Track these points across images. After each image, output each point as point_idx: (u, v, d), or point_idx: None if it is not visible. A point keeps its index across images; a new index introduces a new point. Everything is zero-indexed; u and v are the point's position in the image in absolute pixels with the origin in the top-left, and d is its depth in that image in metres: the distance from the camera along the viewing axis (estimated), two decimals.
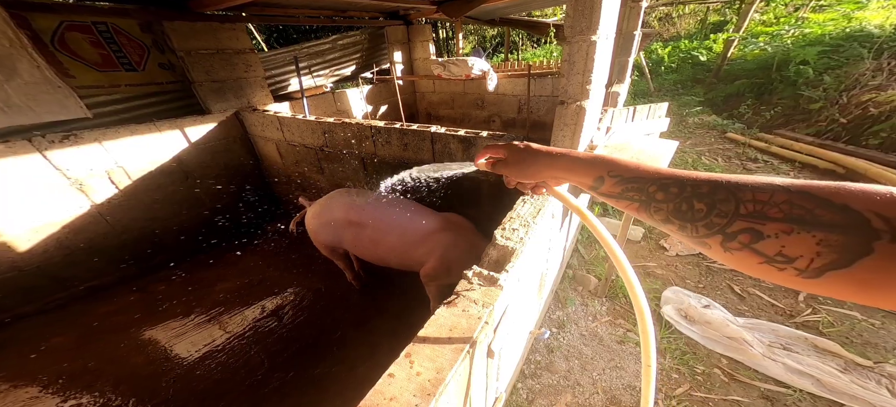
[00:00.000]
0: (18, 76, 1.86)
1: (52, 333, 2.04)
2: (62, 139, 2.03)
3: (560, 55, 8.83)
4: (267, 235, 3.12)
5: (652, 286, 2.35)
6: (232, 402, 1.64)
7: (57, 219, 2.12)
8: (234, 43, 2.70)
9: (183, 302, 2.29)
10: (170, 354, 1.91)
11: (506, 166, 0.63)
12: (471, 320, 0.64)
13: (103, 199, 2.27)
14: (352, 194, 1.86)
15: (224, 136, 2.80)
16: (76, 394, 1.69)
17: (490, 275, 0.75)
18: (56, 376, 1.79)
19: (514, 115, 4.73)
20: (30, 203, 2.00)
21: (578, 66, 1.13)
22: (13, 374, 1.80)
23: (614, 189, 0.46)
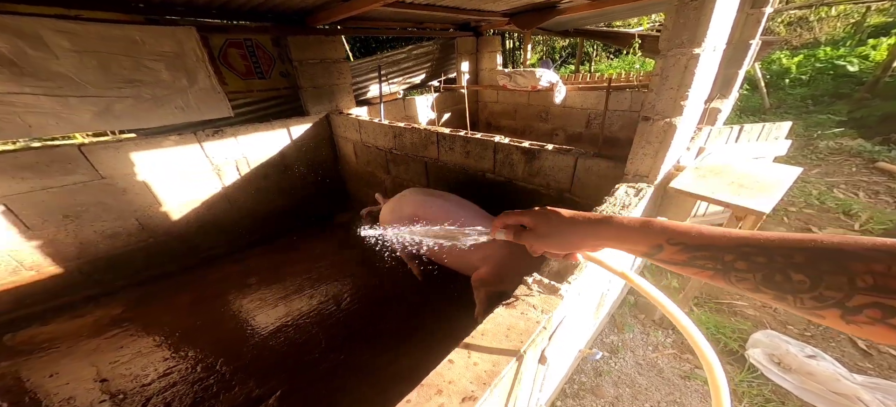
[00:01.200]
0: (197, 84, 2.48)
1: (180, 291, 2.60)
2: (213, 133, 2.63)
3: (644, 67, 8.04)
4: (336, 226, 3.53)
5: (738, 326, 2.08)
6: (293, 374, 1.87)
7: (199, 197, 2.74)
8: (333, 53, 3.16)
9: (267, 277, 2.71)
10: (251, 323, 2.25)
11: (533, 237, 0.56)
12: (529, 323, 0.68)
13: (230, 183, 2.87)
14: (422, 193, 2.00)
15: (315, 136, 3.28)
16: (185, 348, 2.07)
17: (551, 284, 0.78)
18: (174, 330, 2.20)
19: (580, 129, 4.50)
20: (186, 182, 2.64)
21: (673, 80, 1.06)
22: (151, 321, 2.30)
23: (678, 257, 0.43)
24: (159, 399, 1.74)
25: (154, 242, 2.63)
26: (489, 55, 4.89)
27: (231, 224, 2.99)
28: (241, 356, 1.99)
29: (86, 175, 2.21)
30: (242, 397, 1.74)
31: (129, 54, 2.16)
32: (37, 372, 1.92)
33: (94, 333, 2.20)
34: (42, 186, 2.08)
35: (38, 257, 2.20)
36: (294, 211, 3.36)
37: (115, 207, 2.38)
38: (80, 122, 2.12)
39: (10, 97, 1.88)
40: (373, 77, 4.09)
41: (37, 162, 2.03)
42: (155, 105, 2.35)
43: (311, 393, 1.77)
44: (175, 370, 1.91)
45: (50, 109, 2.00)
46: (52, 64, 1.94)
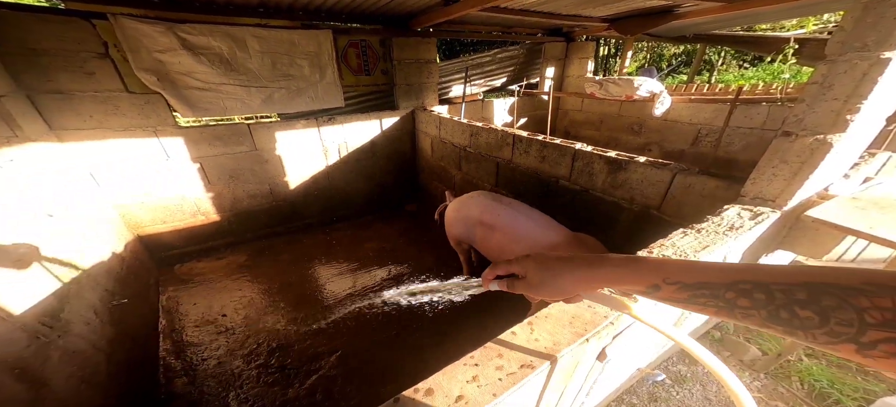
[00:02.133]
0: (325, 78, 3.03)
1: (285, 250, 3.13)
2: (327, 120, 3.18)
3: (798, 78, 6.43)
4: (404, 213, 3.85)
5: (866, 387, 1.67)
6: (351, 340, 2.10)
7: (310, 172, 3.32)
8: (426, 54, 3.46)
9: (346, 250, 3.12)
10: (327, 287, 2.58)
11: (527, 286, 0.54)
12: (595, 316, 0.67)
13: (332, 163, 3.40)
14: (489, 197, 2.02)
15: (401, 129, 3.64)
16: (279, 299, 2.47)
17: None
18: (275, 283, 2.62)
19: (683, 146, 3.91)
20: (303, 159, 3.23)
21: (841, 90, 0.87)
22: (261, 272, 2.78)
23: (678, 295, 0.41)
24: (253, 340, 2.16)
25: (275, 205, 3.28)
26: (579, 61, 4.63)
27: (327, 198, 3.53)
28: (316, 317, 2.33)
29: (248, 146, 2.90)
30: (311, 351, 2.05)
31: (288, 54, 2.76)
32: (187, 300, 2.48)
33: (226, 274, 2.78)
34: (223, 152, 2.81)
35: (209, 206, 2.96)
36: (373, 194, 3.78)
37: (260, 173, 3.06)
38: (253, 106, 2.79)
39: (222, 86, 2.58)
40: (457, 78, 4.31)
41: (223, 134, 2.75)
42: (297, 95, 2.95)
43: (365, 359, 1.99)
44: (270, 317, 2.33)
45: (239, 97, 2.69)
46: (248, 62, 2.61)
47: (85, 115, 2.22)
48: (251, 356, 2.03)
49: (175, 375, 1.91)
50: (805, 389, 1.69)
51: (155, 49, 2.25)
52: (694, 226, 0.97)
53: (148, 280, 2.53)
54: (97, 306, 1.71)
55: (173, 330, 2.22)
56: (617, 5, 2.87)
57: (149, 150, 2.52)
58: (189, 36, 2.32)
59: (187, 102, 2.50)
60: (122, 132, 2.38)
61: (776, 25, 6.27)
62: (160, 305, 2.44)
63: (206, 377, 1.90)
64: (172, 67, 2.35)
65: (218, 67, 2.51)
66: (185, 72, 2.40)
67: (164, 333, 2.21)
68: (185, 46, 2.33)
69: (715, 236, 0.91)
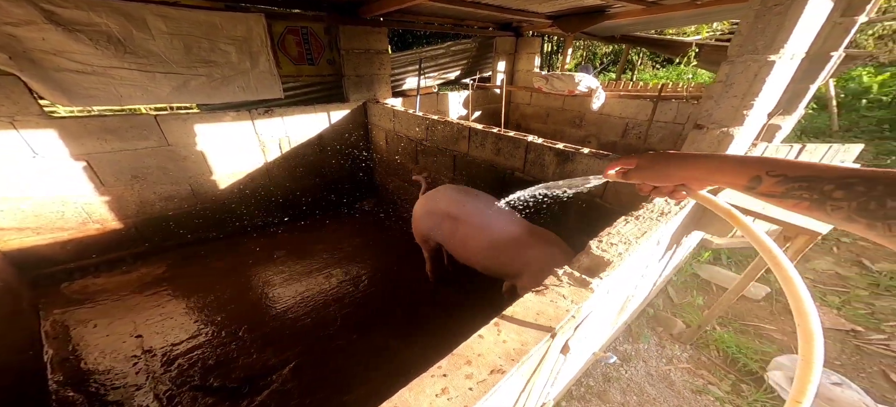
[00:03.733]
0: (258, 67, 2.68)
1: (216, 257, 2.75)
2: (264, 113, 2.83)
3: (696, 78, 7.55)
4: (358, 211, 3.67)
5: (762, 349, 2.03)
6: (307, 348, 1.94)
7: (244, 169, 2.95)
8: (377, 44, 3.27)
9: (293, 253, 2.85)
10: (275, 294, 2.36)
11: (640, 172, 0.63)
12: (558, 311, 0.70)
13: (271, 159, 3.06)
14: (457, 190, 1.98)
15: (351, 122, 3.42)
16: (213, 312, 2.19)
17: (581, 277, 0.78)
18: (207, 295, 2.32)
19: (615, 138, 4.35)
20: (235, 155, 2.84)
21: (738, 88, 1.01)
22: (188, 283, 2.43)
23: (776, 188, 0.44)
24: (185, 359, 1.87)
25: (201, 207, 2.85)
26: (527, 56, 4.84)
27: (268, 198, 3.19)
28: (263, 325, 2.11)
29: (156, 141, 2.44)
30: (259, 364, 1.85)
31: (208, 37, 2.37)
32: (83, 322, 2.08)
33: (137, 289, 2.38)
34: (120, 148, 2.33)
35: (105, 212, 2.45)
36: (323, 192, 3.52)
37: (174, 172, 2.61)
38: (160, 94, 2.35)
39: (113, 70, 2.12)
40: (410, 70, 4.19)
41: (120, 126, 2.27)
42: (222, 84, 2.57)
43: (323, 368, 1.85)
44: (202, 333, 2.05)
45: (140, 83, 2.24)
46: (149, 43, 2.18)
47: None
48: (182, 378, 1.76)
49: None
50: (721, 356, 2.00)
51: (4, 21, 1.75)
52: (633, 214, 1.07)
53: (18, 304, 2.02)
54: None
55: (66, 359, 1.83)
56: (558, 3, 3.03)
57: (6, 146, 1.99)
58: (58, 9, 1.85)
59: (60, 88, 2.01)
60: None
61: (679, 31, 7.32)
62: (43, 332, 1.99)
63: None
64: (34, 44, 1.86)
65: (105, 48, 2.06)
66: (54, 51, 1.93)
67: (52, 363, 1.81)
68: (52, 20, 1.86)
69: (650, 222, 1.01)
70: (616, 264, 0.81)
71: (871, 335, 2.03)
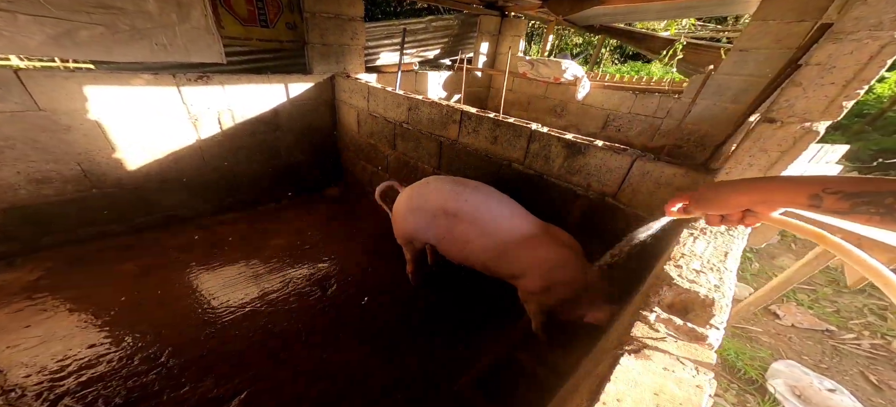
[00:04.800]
0: (189, 22, 2.07)
1: (125, 257, 2.15)
2: (196, 79, 2.22)
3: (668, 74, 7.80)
4: (323, 199, 3.18)
5: (755, 354, 2.02)
6: (262, 372, 1.53)
7: (166, 147, 2.32)
8: (350, 10, 2.76)
9: (239, 249, 2.34)
10: (214, 303, 1.88)
11: (701, 204, 0.63)
12: (685, 388, 0.45)
13: (207, 136, 2.46)
14: (452, 181, 1.69)
15: (316, 97, 2.90)
16: (120, 331, 1.66)
17: (688, 327, 0.55)
18: (108, 307, 1.79)
19: (595, 129, 4.32)
20: (151, 129, 2.21)
21: (842, 73, 0.80)
22: (77, 293, 1.87)
23: (840, 205, 0.44)
24: (75, 398, 1.37)
25: (98, 193, 2.19)
26: (512, 38, 4.57)
27: (202, 183, 2.58)
28: (197, 346, 1.63)
29: (18, 104, 1.76)
30: (195, 398, 1.41)
31: None
32: None
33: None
34: None
35: None
36: (279, 178, 2.98)
37: (52, 146, 1.94)
38: (27, 44, 1.69)
39: None
40: (386, 44, 3.71)
41: None
42: (131, 38, 1.94)
43: (284, 396, 1.47)
44: (103, 360, 1.52)
45: None
46: None
47: None
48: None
49: None
50: (719, 362, 1.97)
51: None
52: (696, 226, 0.87)
53: None
54: None
55: None
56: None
57: None
58: None
59: None
60: None
61: (648, 27, 7.58)
62: None
63: None
64: None
65: None
66: None
67: None
68: None
69: (725, 238, 0.82)
70: (720, 304, 0.58)
71: (844, 335, 2.15)
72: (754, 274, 2.82)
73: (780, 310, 2.35)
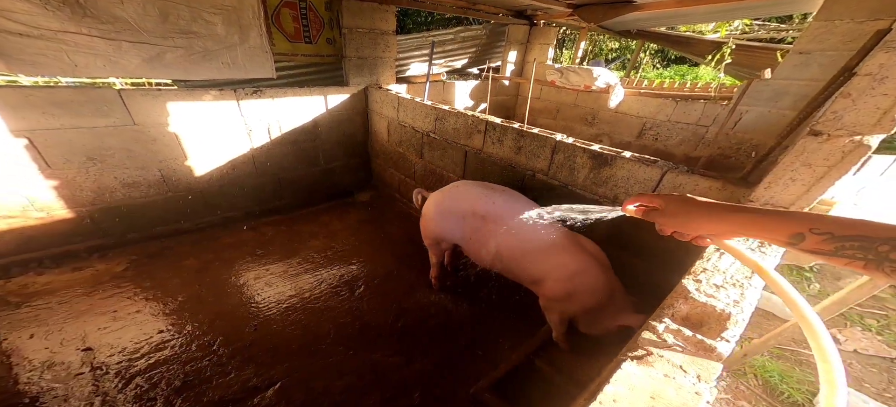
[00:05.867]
0: (248, 42, 2.36)
1: (189, 253, 2.41)
2: (252, 93, 2.51)
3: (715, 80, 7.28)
4: (355, 204, 3.37)
5: (806, 378, 1.86)
6: (295, 365, 1.68)
7: (226, 155, 2.63)
8: (383, 24, 2.94)
9: (281, 249, 2.55)
10: (258, 299, 2.08)
11: (664, 216, 0.60)
12: (682, 393, 0.46)
13: (258, 145, 2.74)
14: (479, 186, 1.76)
15: (351, 108, 3.11)
16: (183, 320, 1.89)
17: (697, 338, 0.56)
18: (175, 298, 2.03)
19: (630, 138, 4.14)
20: (215, 139, 2.52)
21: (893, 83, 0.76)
22: (153, 284, 2.13)
23: (823, 246, 0.41)
24: (144, 378, 1.58)
25: (173, 196, 2.52)
26: (540, 47, 4.56)
27: (253, 187, 2.87)
28: (243, 337, 1.82)
29: (119, 119, 2.11)
30: (238, 385, 1.57)
31: (189, 4, 2.05)
32: (17, 329, 1.74)
33: (90, 290, 2.03)
34: (72, 125, 1.99)
35: (52, 199, 2.10)
36: (316, 183, 3.22)
37: (142, 155, 2.28)
38: (127, 66, 2.02)
39: (66, 35, 1.79)
40: (416, 55, 3.89)
41: (72, 100, 1.93)
42: (203, 58, 2.24)
43: (315, 390, 1.59)
44: (168, 345, 1.75)
45: (101, 51, 1.91)
46: (116, 8, 1.86)
47: None
48: (142, 402, 1.48)
49: None
50: (760, 384, 1.83)
51: None
52: None
53: None
54: None
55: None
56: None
57: None
58: None
59: None
60: None
61: (693, 29, 7.10)
62: None
63: None
64: None
65: (59, 9, 1.73)
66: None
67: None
68: None
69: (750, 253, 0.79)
70: (736, 318, 0.58)
71: None
72: (814, 295, 2.53)
73: (842, 334, 2.12)
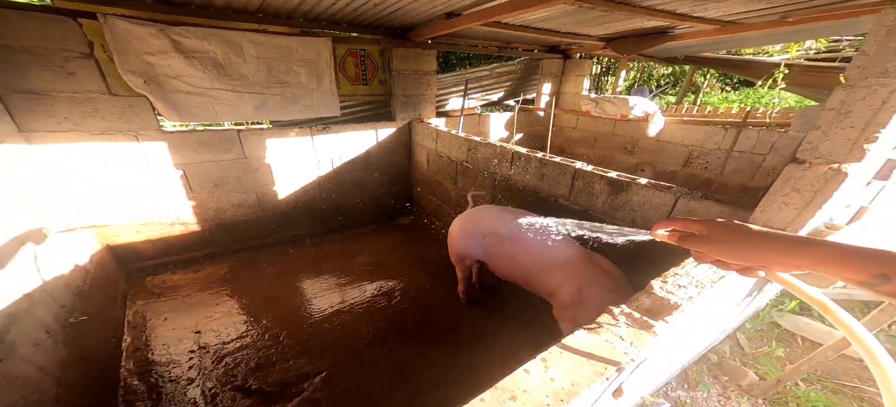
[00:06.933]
0: (322, 86, 2.96)
1: (270, 262, 2.96)
2: (322, 129, 3.10)
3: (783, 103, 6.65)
4: (397, 227, 3.76)
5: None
6: (339, 359, 1.99)
7: (300, 182, 3.21)
8: (425, 66, 3.43)
9: (334, 264, 2.98)
10: (314, 303, 2.47)
11: (707, 243, 0.51)
12: (615, 352, 0.62)
13: (324, 173, 3.30)
14: (502, 210, 1.98)
15: (397, 140, 3.58)
16: (261, 316, 2.31)
17: (642, 319, 0.70)
18: (257, 298, 2.48)
19: (675, 167, 3.97)
20: (293, 168, 3.12)
21: (858, 117, 0.85)
22: (242, 286, 2.62)
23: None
24: (231, 358, 2.00)
25: (263, 215, 3.14)
26: (575, 79, 4.72)
27: (317, 210, 3.41)
28: (301, 332, 2.19)
29: (236, 154, 2.78)
30: (294, 371, 1.91)
31: (285, 60, 2.68)
32: (158, 314, 2.31)
33: (202, 287, 2.61)
34: (209, 159, 2.69)
35: (189, 215, 2.79)
36: (366, 207, 3.67)
37: (246, 182, 2.93)
38: (245, 112, 2.69)
39: (212, 91, 2.49)
40: (455, 91, 4.33)
41: (210, 140, 2.63)
42: (292, 102, 2.86)
43: (353, 381, 1.87)
44: (249, 334, 2.17)
45: (231, 102, 2.59)
46: (241, 67, 2.52)
47: (59, 117, 2.09)
48: (226, 377, 1.88)
49: (137, 399, 1.74)
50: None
51: (145, 51, 2.15)
52: None
53: (115, 294, 2.34)
54: (50, 325, 1.56)
55: (138, 348, 2.04)
56: (614, 25, 2.93)
57: (128, 155, 2.38)
58: (183, 39, 2.24)
59: (174, 106, 2.40)
60: (100, 136, 2.25)
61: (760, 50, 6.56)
62: (126, 321, 2.25)
63: (172, 401, 1.74)
64: (161, 70, 2.25)
65: (210, 71, 2.43)
66: (175, 75, 2.31)
67: (127, 351, 2.02)
68: (178, 49, 2.25)
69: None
70: (684, 308, 0.70)
71: None
72: None
73: None
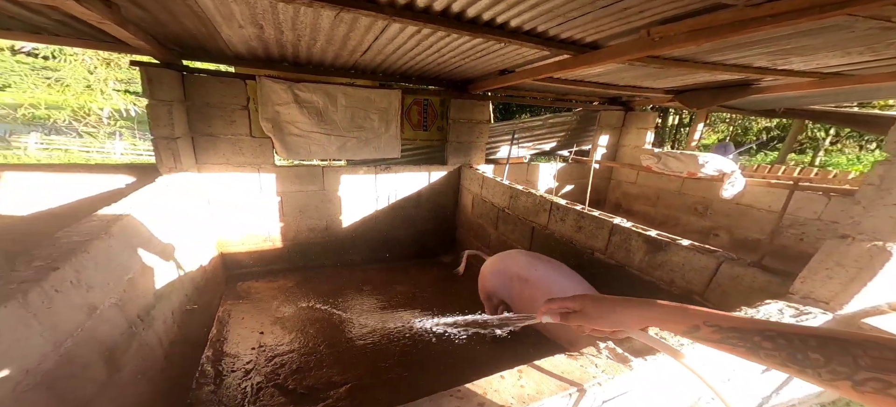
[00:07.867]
0: (389, 131, 3.50)
1: (325, 281, 3.33)
2: (384, 169, 3.57)
3: None
4: (438, 263, 3.93)
5: None
6: (364, 374, 2.15)
7: (361, 215, 3.67)
8: (480, 115, 3.74)
9: (378, 290, 3.25)
10: (354, 320, 2.70)
11: (582, 317, 0.64)
12: (585, 375, 0.68)
13: (381, 208, 3.72)
14: (528, 255, 2.07)
15: (446, 183, 3.87)
16: (309, 326, 2.61)
17: (623, 354, 0.73)
18: (312, 309, 2.83)
19: (759, 235, 3.42)
20: (357, 202, 3.60)
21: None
22: (303, 298, 3.00)
23: (713, 336, 0.50)
24: (279, 359, 2.27)
25: (329, 240, 3.65)
26: (638, 131, 4.53)
27: (372, 241, 3.80)
28: (338, 345, 2.42)
29: (318, 186, 3.40)
30: (325, 379, 2.11)
31: (364, 108, 3.27)
32: (240, 314, 2.73)
33: (274, 296, 3.02)
34: (298, 189, 3.33)
35: (277, 235, 3.41)
36: (412, 243, 3.95)
37: (321, 210, 3.50)
38: (330, 152, 3.33)
39: (311, 133, 3.17)
40: (506, 139, 4.53)
41: (303, 174, 3.29)
42: (365, 144, 3.43)
43: (371, 396, 2.00)
44: (296, 340, 2.46)
45: (322, 143, 3.24)
46: (333, 114, 3.14)
47: (220, 153, 2.90)
48: (272, 375, 2.15)
49: (206, 382, 2.07)
50: None
51: (276, 102, 2.90)
52: None
53: (217, 292, 2.92)
54: (176, 308, 1.93)
55: (218, 340, 2.46)
56: (682, 78, 2.77)
57: (249, 183, 3.10)
58: (300, 92, 2.96)
59: (286, 146, 3.11)
60: (238, 168, 3.00)
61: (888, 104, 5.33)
62: (216, 316, 2.74)
63: (229, 388, 2.05)
64: (283, 117, 2.98)
65: (313, 118, 3.10)
66: (291, 121, 3.03)
67: (210, 341, 2.44)
68: (296, 101, 2.96)
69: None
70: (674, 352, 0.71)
71: None
72: None
73: None
